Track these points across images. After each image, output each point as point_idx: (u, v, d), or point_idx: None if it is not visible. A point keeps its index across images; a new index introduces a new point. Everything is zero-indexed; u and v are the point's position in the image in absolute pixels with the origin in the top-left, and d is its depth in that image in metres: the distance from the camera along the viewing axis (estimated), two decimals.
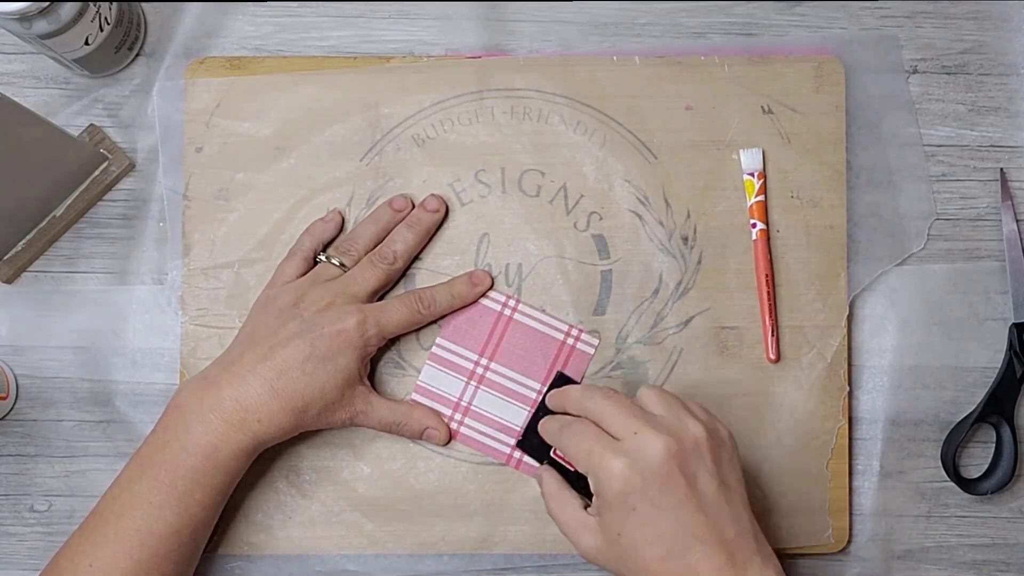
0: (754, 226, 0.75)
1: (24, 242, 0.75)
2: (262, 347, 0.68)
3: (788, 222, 0.76)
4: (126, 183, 0.77)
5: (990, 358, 0.77)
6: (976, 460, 0.78)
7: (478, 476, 0.74)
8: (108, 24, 0.72)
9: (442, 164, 0.76)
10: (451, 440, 0.74)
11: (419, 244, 0.74)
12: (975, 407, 0.76)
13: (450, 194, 0.76)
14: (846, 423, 0.75)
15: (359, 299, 0.71)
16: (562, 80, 0.76)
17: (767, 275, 0.75)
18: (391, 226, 0.74)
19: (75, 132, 0.75)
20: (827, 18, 0.78)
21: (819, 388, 0.75)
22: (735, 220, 0.76)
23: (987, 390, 0.76)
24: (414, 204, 0.75)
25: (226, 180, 0.75)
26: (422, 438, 0.73)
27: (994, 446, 0.77)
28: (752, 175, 0.75)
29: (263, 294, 0.73)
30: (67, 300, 0.76)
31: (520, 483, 0.74)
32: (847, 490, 0.75)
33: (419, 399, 0.74)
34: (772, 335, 0.75)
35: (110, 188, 0.77)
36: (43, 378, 0.76)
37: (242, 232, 0.75)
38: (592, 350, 0.75)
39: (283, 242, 0.75)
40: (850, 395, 0.76)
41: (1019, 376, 0.76)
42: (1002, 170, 0.78)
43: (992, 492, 0.76)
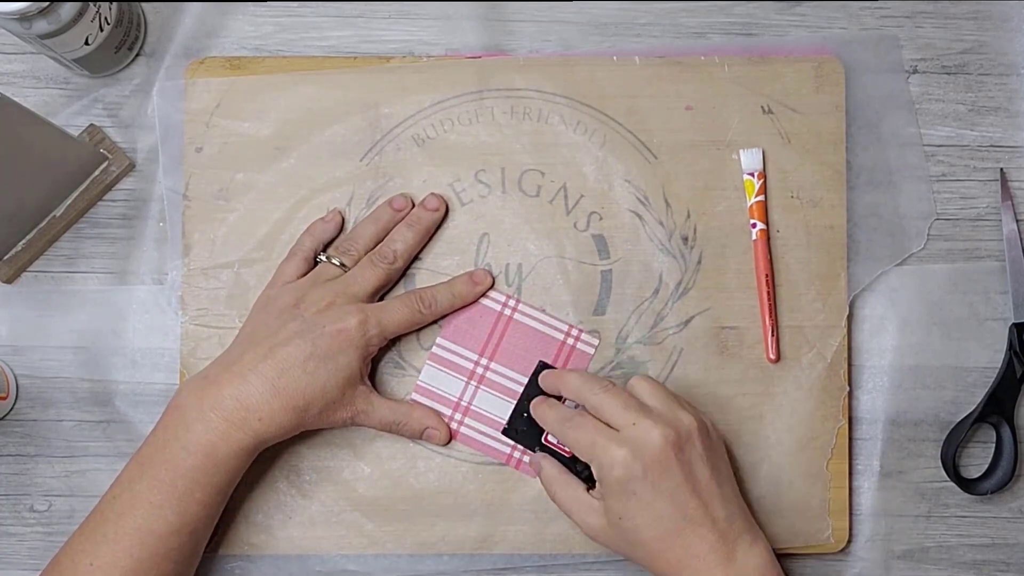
0: (754, 226, 0.75)
1: (24, 242, 0.75)
2: (263, 346, 0.68)
3: (788, 222, 0.76)
4: (126, 183, 0.77)
5: (990, 358, 0.77)
6: (976, 460, 0.78)
7: (478, 476, 0.74)
8: (108, 24, 0.72)
9: (442, 164, 0.76)
10: (451, 440, 0.74)
11: (419, 243, 0.74)
12: (975, 407, 0.76)
13: (450, 194, 0.76)
14: (846, 423, 0.75)
15: (360, 299, 0.71)
16: (562, 80, 0.76)
17: (767, 275, 0.75)
18: (391, 226, 0.74)
19: (75, 132, 0.75)
20: (827, 18, 0.78)
21: (819, 388, 0.75)
22: (735, 220, 0.76)
23: (987, 390, 0.76)
24: (414, 203, 0.75)
25: (226, 180, 0.75)
26: (422, 438, 0.73)
27: (994, 446, 0.77)
28: (752, 175, 0.75)
29: (263, 294, 0.73)
30: (67, 300, 0.76)
31: (520, 483, 0.74)
32: (847, 490, 0.75)
33: (419, 399, 0.74)
34: (772, 335, 0.75)
35: (110, 188, 0.77)
36: (43, 378, 0.76)
37: (242, 232, 0.75)
38: (592, 350, 0.75)
39: (283, 242, 0.75)
40: (850, 395, 0.76)
41: (1019, 376, 0.76)
42: (1002, 170, 0.78)
43: (992, 492, 0.76)
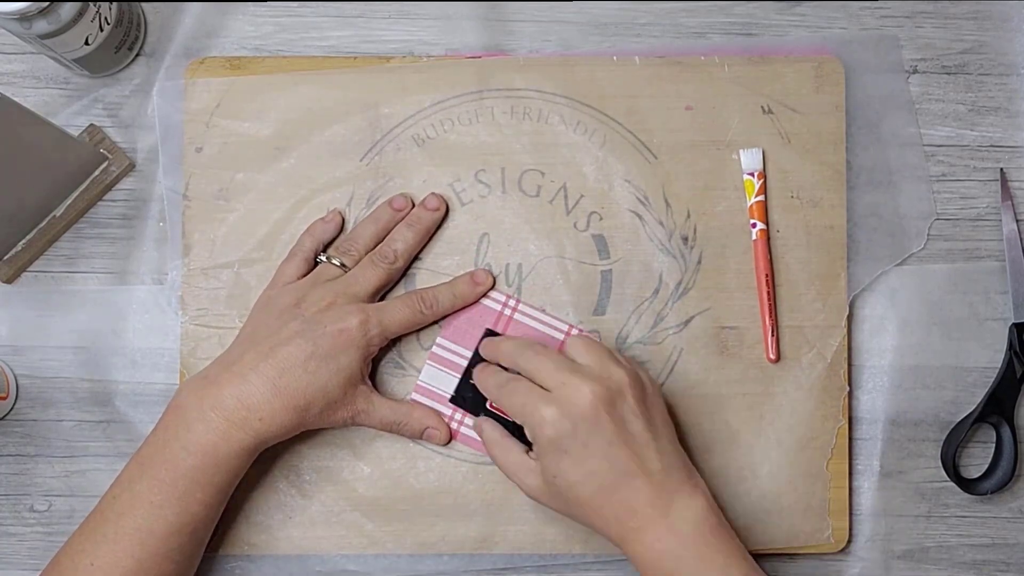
0: (754, 226, 0.75)
1: (24, 242, 0.75)
2: (263, 346, 0.68)
3: (788, 222, 0.76)
4: (126, 183, 0.77)
5: (990, 358, 0.77)
6: (976, 460, 0.78)
7: (478, 476, 0.74)
8: (108, 24, 0.72)
9: (442, 164, 0.76)
10: (451, 440, 0.74)
11: (419, 243, 0.74)
12: (975, 407, 0.76)
13: (450, 194, 0.76)
14: (846, 423, 0.75)
15: (360, 299, 0.71)
16: (562, 80, 0.76)
17: (767, 275, 0.75)
18: (391, 226, 0.74)
19: (75, 132, 0.75)
20: (827, 18, 0.78)
21: (819, 388, 0.75)
22: (735, 220, 0.76)
23: (987, 390, 0.76)
24: (414, 203, 0.75)
25: (226, 180, 0.75)
26: (422, 438, 0.73)
27: (994, 446, 0.77)
28: (752, 175, 0.75)
29: (264, 295, 0.73)
30: (67, 300, 0.76)
31: None
32: (847, 490, 0.75)
33: (419, 399, 0.74)
34: (772, 335, 0.75)
35: (110, 188, 0.77)
36: (43, 378, 0.76)
37: (242, 232, 0.75)
38: None
39: (283, 242, 0.75)
40: (850, 395, 0.76)
41: (1019, 376, 0.76)
42: (1002, 170, 0.78)
43: (992, 492, 0.76)
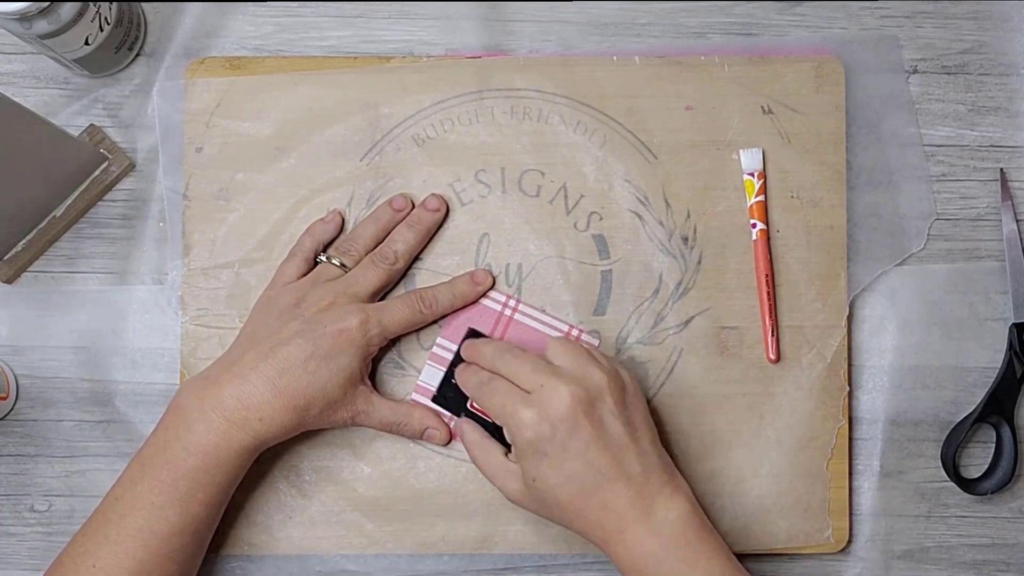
0: (754, 226, 0.75)
1: (24, 242, 0.75)
2: (264, 346, 0.68)
3: (788, 222, 0.76)
4: (126, 183, 0.77)
5: (990, 358, 0.77)
6: (976, 460, 0.78)
7: (478, 476, 0.74)
8: (108, 24, 0.72)
9: (442, 164, 0.76)
10: (451, 440, 0.74)
11: (420, 244, 0.74)
12: (975, 407, 0.76)
13: (450, 194, 0.76)
14: (846, 423, 0.75)
15: (360, 299, 0.71)
16: (562, 80, 0.76)
17: (767, 275, 0.75)
18: (391, 226, 0.74)
19: (75, 132, 0.75)
20: (827, 18, 0.78)
21: (819, 388, 0.75)
22: (735, 220, 0.76)
23: (987, 390, 0.76)
24: (414, 204, 0.75)
25: (226, 180, 0.75)
26: (422, 438, 0.73)
27: (994, 446, 0.77)
28: (752, 175, 0.75)
29: (264, 295, 0.73)
30: (67, 300, 0.76)
31: None
32: (847, 490, 0.75)
33: (419, 399, 0.74)
34: (772, 335, 0.75)
35: (110, 188, 0.77)
36: (43, 378, 0.76)
37: (242, 232, 0.75)
38: None
39: (283, 242, 0.75)
40: (850, 395, 0.76)
41: (1019, 376, 0.76)
42: (1002, 170, 0.78)
43: (992, 492, 0.76)
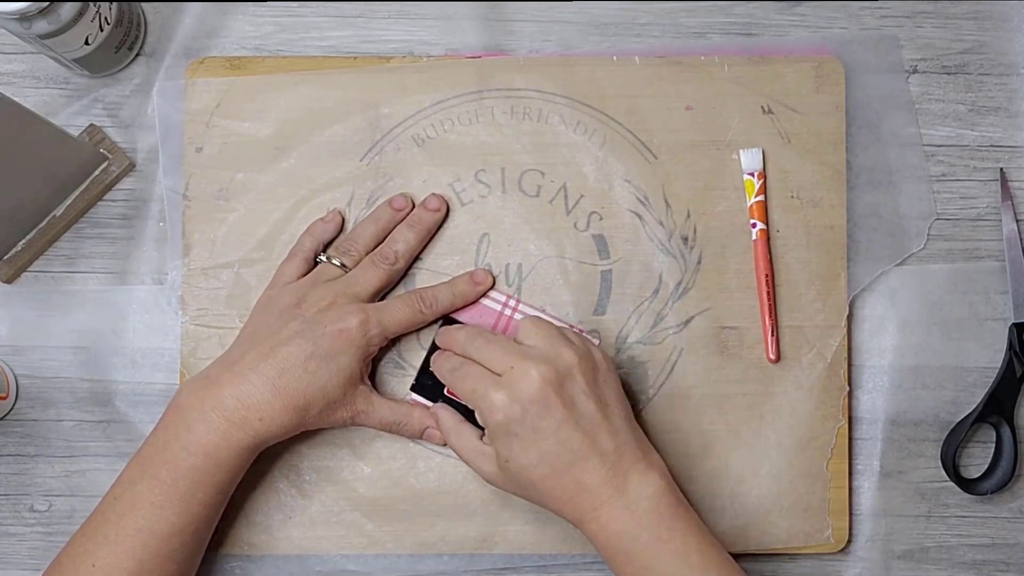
0: (754, 226, 0.75)
1: (24, 242, 0.75)
2: (264, 346, 0.68)
3: (788, 222, 0.76)
4: (126, 183, 0.77)
5: (990, 358, 0.77)
6: (976, 460, 0.78)
7: (478, 476, 0.74)
8: (108, 24, 0.72)
9: (442, 164, 0.76)
10: None
11: (420, 244, 0.74)
12: (975, 407, 0.76)
13: (450, 194, 0.76)
14: (846, 423, 0.75)
15: (360, 299, 0.71)
16: (562, 80, 0.76)
17: (767, 275, 0.75)
18: (391, 226, 0.74)
19: (75, 132, 0.75)
20: (827, 18, 0.78)
21: (819, 388, 0.75)
22: (735, 220, 0.76)
23: (987, 390, 0.76)
24: (414, 204, 0.75)
25: (226, 180, 0.75)
26: (422, 438, 0.73)
27: (994, 446, 0.77)
28: (752, 175, 0.75)
29: (264, 295, 0.73)
30: (67, 300, 0.76)
31: None
32: (847, 490, 0.75)
33: (417, 398, 0.74)
34: (772, 335, 0.75)
35: (110, 188, 0.77)
36: (43, 378, 0.76)
37: (242, 232, 0.75)
38: None
39: (283, 242, 0.75)
40: (850, 395, 0.76)
41: (1019, 376, 0.76)
42: (1002, 170, 0.78)
43: (992, 492, 0.76)
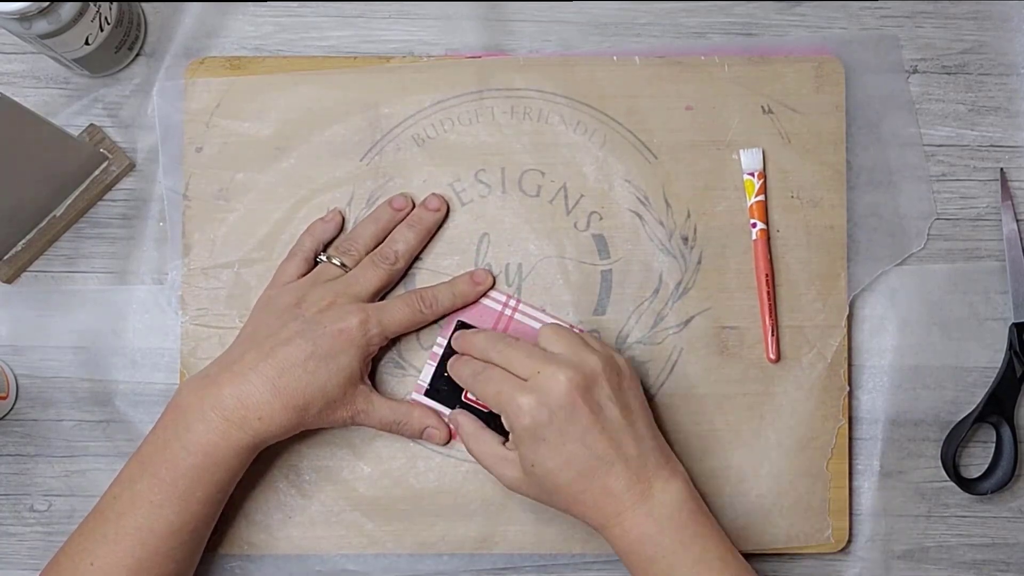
0: (754, 226, 0.75)
1: (24, 242, 0.75)
2: (264, 346, 0.68)
3: (788, 222, 0.76)
4: (126, 183, 0.77)
5: (990, 358, 0.77)
6: (976, 460, 0.78)
7: (478, 476, 0.74)
8: (108, 24, 0.72)
9: (442, 164, 0.76)
10: (451, 440, 0.74)
11: (420, 244, 0.74)
12: (975, 407, 0.76)
13: (450, 194, 0.76)
14: (846, 423, 0.75)
15: (360, 299, 0.71)
16: (562, 80, 0.76)
17: (767, 275, 0.75)
18: (391, 226, 0.74)
19: (75, 132, 0.75)
20: (827, 18, 0.78)
21: (819, 388, 0.75)
22: (735, 220, 0.76)
23: (987, 390, 0.76)
24: (414, 203, 0.75)
25: (226, 180, 0.75)
26: (422, 438, 0.73)
27: (994, 446, 0.77)
28: (752, 175, 0.75)
29: (264, 294, 0.73)
30: (67, 300, 0.76)
31: None
32: (847, 490, 0.75)
33: (418, 398, 0.74)
34: (772, 335, 0.75)
35: (110, 188, 0.77)
36: (43, 378, 0.76)
37: (242, 232, 0.75)
38: None
39: (283, 242, 0.75)
40: (850, 395, 0.76)
41: (1019, 376, 0.76)
42: (1002, 170, 0.78)
43: (992, 492, 0.76)
